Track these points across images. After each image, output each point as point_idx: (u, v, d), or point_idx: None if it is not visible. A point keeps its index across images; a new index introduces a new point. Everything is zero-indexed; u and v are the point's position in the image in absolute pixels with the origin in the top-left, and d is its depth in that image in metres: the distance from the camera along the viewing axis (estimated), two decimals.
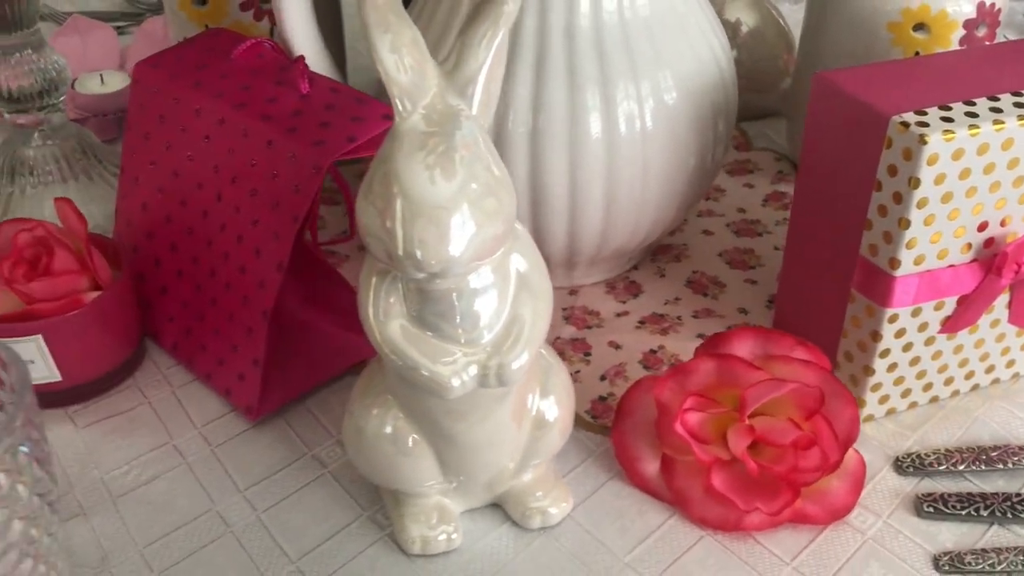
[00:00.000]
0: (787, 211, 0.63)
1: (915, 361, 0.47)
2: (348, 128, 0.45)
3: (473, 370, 0.37)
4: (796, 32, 0.74)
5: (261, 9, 0.61)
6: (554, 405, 0.41)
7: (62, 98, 0.61)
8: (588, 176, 0.48)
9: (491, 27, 0.36)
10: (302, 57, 0.50)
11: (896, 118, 0.41)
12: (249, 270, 0.47)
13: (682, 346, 0.52)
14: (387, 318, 0.37)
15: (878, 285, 0.44)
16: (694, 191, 0.52)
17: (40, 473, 0.33)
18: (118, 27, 0.90)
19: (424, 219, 0.34)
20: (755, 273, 0.58)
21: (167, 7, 0.64)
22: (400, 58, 0.35)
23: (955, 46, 0.56)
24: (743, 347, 0.44)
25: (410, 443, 0.40)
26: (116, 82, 0.78)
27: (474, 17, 0.37)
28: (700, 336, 0.53)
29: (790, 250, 0.50)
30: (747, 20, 0.71)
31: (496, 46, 0.36)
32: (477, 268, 0.36)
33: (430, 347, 0.37)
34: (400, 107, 0.35)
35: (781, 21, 0.72)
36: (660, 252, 0.60)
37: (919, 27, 0.56)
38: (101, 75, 0.78)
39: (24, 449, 0.32)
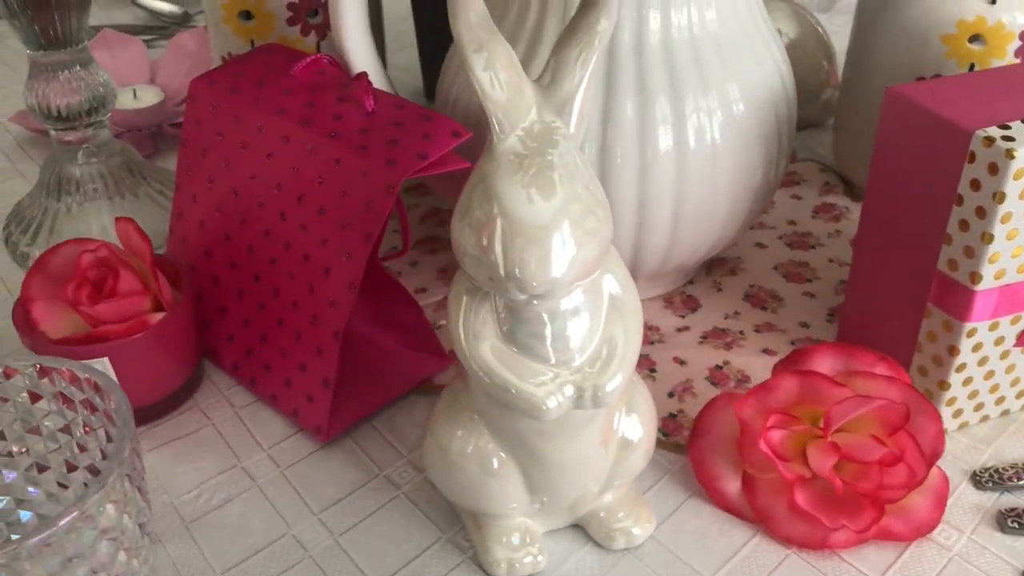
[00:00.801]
0: (838, 223, 0.63)
1: (989, 375, 0.46)
2: (418, 145, 0.45)
3: (569, 391, 0.36)
4: (834, 41, 0.74)
5: (308, 23, 0.61)
6: (638, 424, 0.41)
7: (108, 115, 0.60)
8: (657, 192, 0.48)
9: (586, 46, 0.36)
10: (365, 74, 0.49)
11: (980, 132, 0.41)
12: (318, 289, 0.47)
13: (747, 361, 0.52)
14: (479, 339, 0.37)
15: (957, 299, 0.44)
16: (759, 204, 0.52)
17: (141, 502, 0.32)
18: (144, 41, 0.89)
19: (525, 239, 0.33)
20: (812, 286, 0.58)
21: (210, 21, 0.63)
22: (495, 76, 0.35)
23: (1011, 58, 0.56)
24: (824, 363, 0.44)
25: (496, 464, 0.40)
26: (149, 97, 0.77)
27: (568, 35, 0.36)
28: (765, 351, 0.53)
29: (857, 264, 0.50)
30: (788, 31, 0.71)
31: (592, 64, 0.36)
32: (575, 288, 0.35)
33: (524, 368, 0.36)
34: (498, 127, 0.35)
35: (821, 31, 0.72)
36: (715, 266, 0.59)
37: (975, 39, 0.56)
38: (134, 90, 0.77)
39: (130, 478, 0.31)
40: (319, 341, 0.46)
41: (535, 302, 0.35)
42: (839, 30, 0.78)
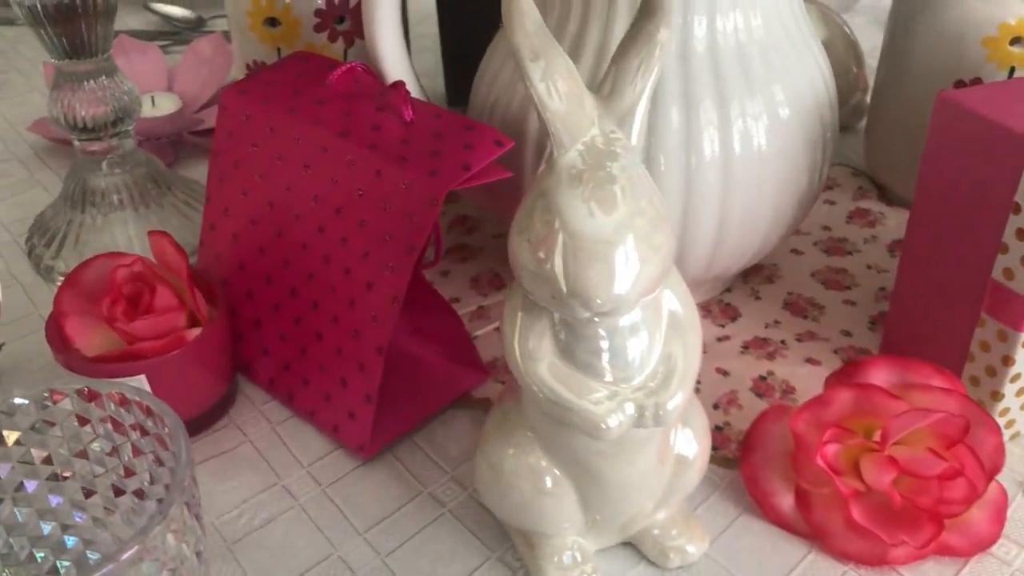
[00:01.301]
0: (873, 228, 0.62)
1: None
2: (461, 156, 0.44)
3: (630, 409, 0.35)
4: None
5: (336, 30, 0.60)
6: (693, 440, 0.40)
7: (133, 124, 0.59)
8: (702, 199, 0.47)
9: (646, 55, 0.35)
10: (402, 83, 0.48)
11: None
12: (360, 304, 0.46)
13: (792, 371, 0.51)
14: (536, 358, 0.36)
15: (1013, 309, 0.43)
16: (802, 211, 0.51)
17: (199, 530, 0.32)
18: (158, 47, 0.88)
19: (588, 255, 0.32)
20: (852, 294, 0.57)
21: (233, 28, 0.62)
22: (554, 86, 0.34)
23: None
24: (879, 376, 0.43)
25: (550, 482, 0.39)
26: (168, 104, 0.76)
27: (628, 45, 0.35)
28: (808, 360, 0.52)
29: (904, 272, 0.49)
30: (817, 33, 0.70)
31: (654, 75, 0.35)
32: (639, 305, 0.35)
33: (582, 386, 0.35)
34: (558, 139, 0.34)
35: (849, 33, 0.72)
36: (752, 273, 0.58)
37: (1016, 41, 0.55)
38: (152, 97, 0.76)
39: (188, 505, 0.30)
40: (361, 356, 0.46)
41: (596, 319, 0.34)
42: (859, 31, 0.77)
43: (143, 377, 0.45)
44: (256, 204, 0.50)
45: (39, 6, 0.51)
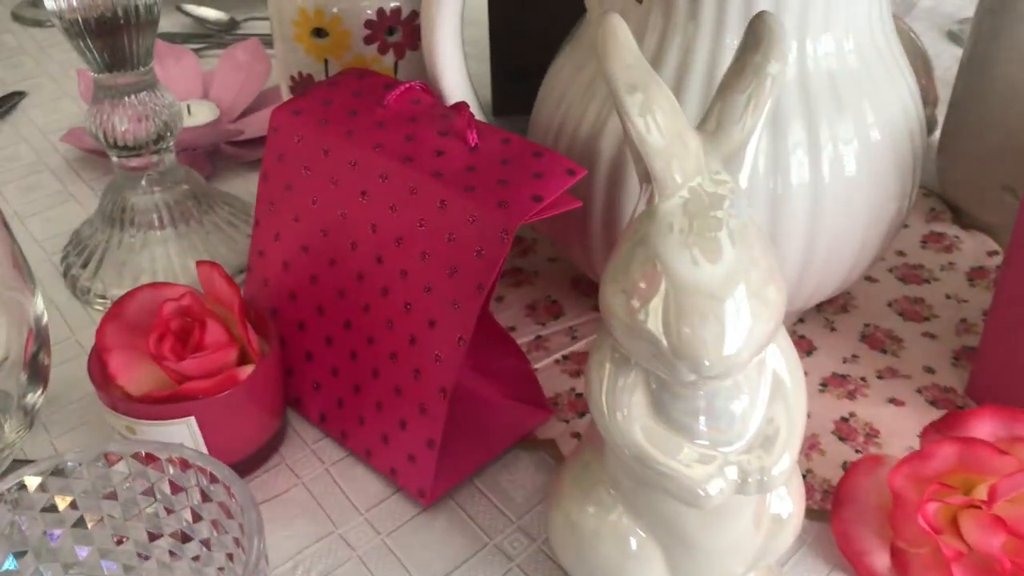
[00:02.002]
0: (949, 254, 0.59)
1: None
2: (531, 186, 0.41)
3: (732, 474, 0.32)
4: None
5: (386, 42, 0.57)
6: (787, 498, 0.37)
7: (174, 140, 0.56)
8: (789, 228, 0.44)
9: (756, 90, 0.32)
10: (465, 105, 0.45)
11: None
12: (421, 341, 0.43)
13: (875, 413, 0.48)
14: (629, 419, 0.33)
15: None
16: (888, 240, 0.48)
17: None
18: (193, 51, 0.85)
19: (695, 311, 0.30)
20: (931, 326, 0.54)
21: (278, 38, 0.59)
22: (654, 121, 0.31)
23: None
24: (983, 428, 0.40)
25: (635, 545, 0.36)
26: (204, 113, 0.74)
27: (734, 78, 0.32)
28: (892, 401, 0.49)
29: (999, 309, 0.46)
30: None
31: (766, 110, 0.32)
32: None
33: (679, 450, 0.33)
34: (661, 182, 0.31)
35: (918, 43, 0.68)
36: (825, 303, 0.55)
37: None
38: (188, 105, 0.74)
39: None
40: (423, 398, 0.43)
41: (700, 382, 0.31)
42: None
43: (192, 419, 0.42)
44: (308, 231, 0.47)
45: (80, 20, 0.48)
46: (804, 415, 0.34)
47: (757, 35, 0.33)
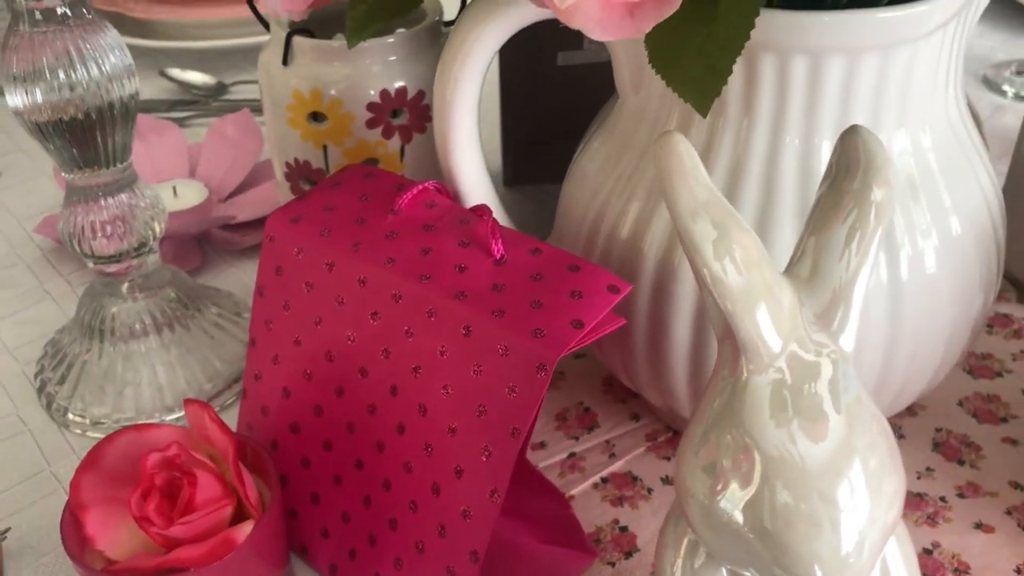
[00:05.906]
0: (1020, 340, 0.54)
1: None
2: (569, 309, 0.36)
3: None
4: None
5: (391, 124, 0.51)
6: None
7: (158, 241, 0.51)
8: (866, 334, 0.38)
9: (860, 223, 0.26)
10: (487, 208, 0.40)
11: None
12: (446, 491, 0.37)
13: (962, 543, 0.42)
14: None
15: None
16: (973, 339, 0.43)
17: None
18: (176, 119, 0.80)
19: (801, 508, 0.24)
20: (1011, 429, 0.48)
21: (271, 123, 0.54)
22: (736, 268, 0.25)
23: None
24: None
25: None
26: (192, 194, 0.68)
27: (830, 208, 0.27)
28: (978, 526, 0.43)
29: None
30: None
31: (873, 248, 0.26)
32: None
33: None
34: (752, 348, 0.25)
35: (973, 108, 0.63)
36: None
37: None
38: (174, 187, 0.68)
39: None
40: (450, 561, 0.37)
41: None
42: None
43: None
44: (312, 355, 0.42)
45: (49, 124, 0.43)
46: None
47: (849, 158, 0.27)
